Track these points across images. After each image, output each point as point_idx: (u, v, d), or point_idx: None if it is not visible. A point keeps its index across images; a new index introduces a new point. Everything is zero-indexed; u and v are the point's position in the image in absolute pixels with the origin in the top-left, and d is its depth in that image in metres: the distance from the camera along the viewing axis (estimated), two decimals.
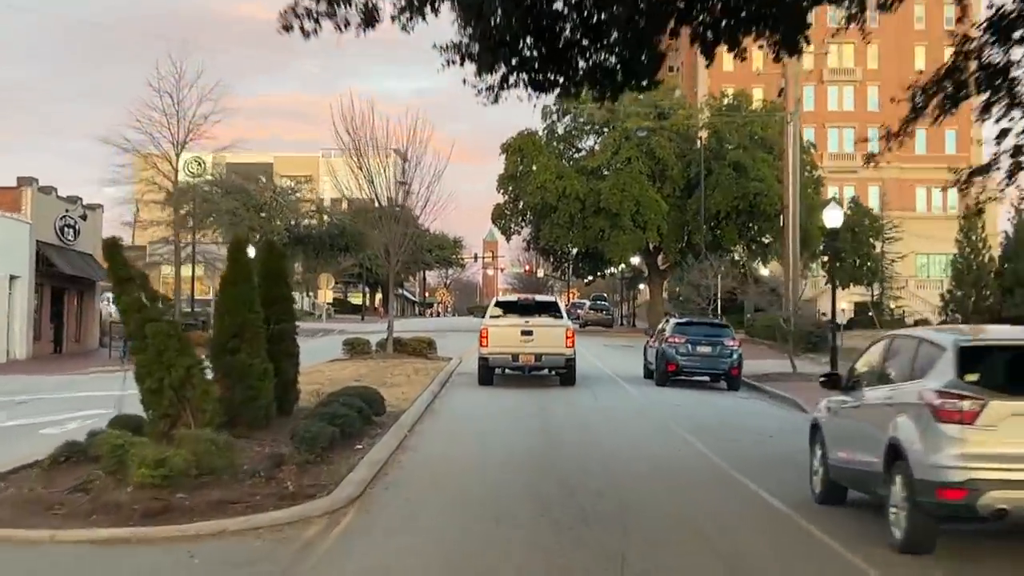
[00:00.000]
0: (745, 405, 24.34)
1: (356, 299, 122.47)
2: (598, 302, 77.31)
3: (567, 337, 25.70)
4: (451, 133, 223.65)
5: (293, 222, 61.72)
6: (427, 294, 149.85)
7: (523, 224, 64.03)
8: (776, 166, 57.25)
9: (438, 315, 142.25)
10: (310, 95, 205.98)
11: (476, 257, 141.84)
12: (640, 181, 57.15)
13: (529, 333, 25.48)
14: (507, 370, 26.50)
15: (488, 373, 26.23)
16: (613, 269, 70.70)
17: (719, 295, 45.21)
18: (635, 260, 70.37)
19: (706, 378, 28.01)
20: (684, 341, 26.89)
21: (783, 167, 51.85)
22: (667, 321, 29.28)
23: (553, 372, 26.33)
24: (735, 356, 26.91)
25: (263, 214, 60.51)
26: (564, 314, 27.86)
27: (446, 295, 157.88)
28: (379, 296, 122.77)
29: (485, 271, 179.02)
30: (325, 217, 62.25)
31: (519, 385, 26.26)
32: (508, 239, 63.70)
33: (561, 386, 26.39)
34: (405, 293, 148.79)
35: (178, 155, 39.90)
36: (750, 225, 57.80)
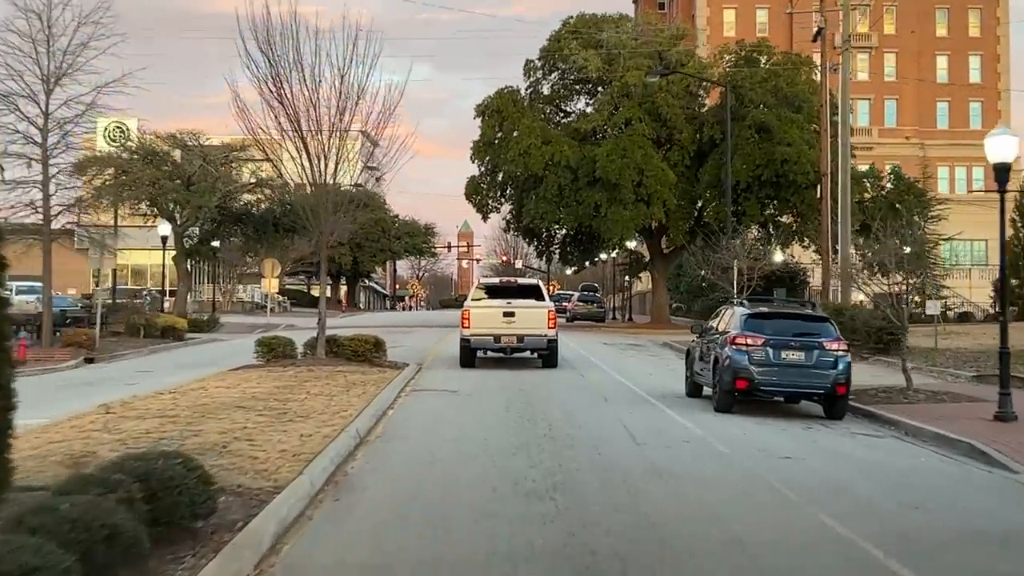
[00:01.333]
0: (882, 453, 14.64)
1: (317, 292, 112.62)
2: (588, 293, 67.58)
3: (549, 318, 25.85)
4: (429, 129, 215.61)
5: (229, 198, 51.67)
6: (397, 286, 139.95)
7: (502, 200, 54.29)
8: (807, 128, 47.78)
9: (410, 309, 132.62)
10: None
11: (449, 246, 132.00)
12: (644, 146, 47.58)
13: (511, 315, 25.57)
14: (489, 352, 26.33)
15: (470, 355, 26.13)
16: (607, 254, 60.95)
17: (755, 280, 35.59)
18: (631, 244, 60.79)
19: (782, 399, 18.41)
20: (762, 343, 17.20)
21: (820, 123, 42.40)
22: (728, 310, 19.56)
23: (535, 354, 26.45)
24: (842, 366, 17.24)
25: (192, 187, 50.48)
26: (546, 296, 27.90)
27: (418, 287, 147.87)
28: (345, 288, 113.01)
29: (460, 263, 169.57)
30: (267, 191, 52.12)
31: (518, 425, 16.51)
32: (485, 217, 54.02)
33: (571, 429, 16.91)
34: (374, 285, 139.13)
35: (48, 92, 29.90)
36: (780, 197, 48.17)
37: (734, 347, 17.33)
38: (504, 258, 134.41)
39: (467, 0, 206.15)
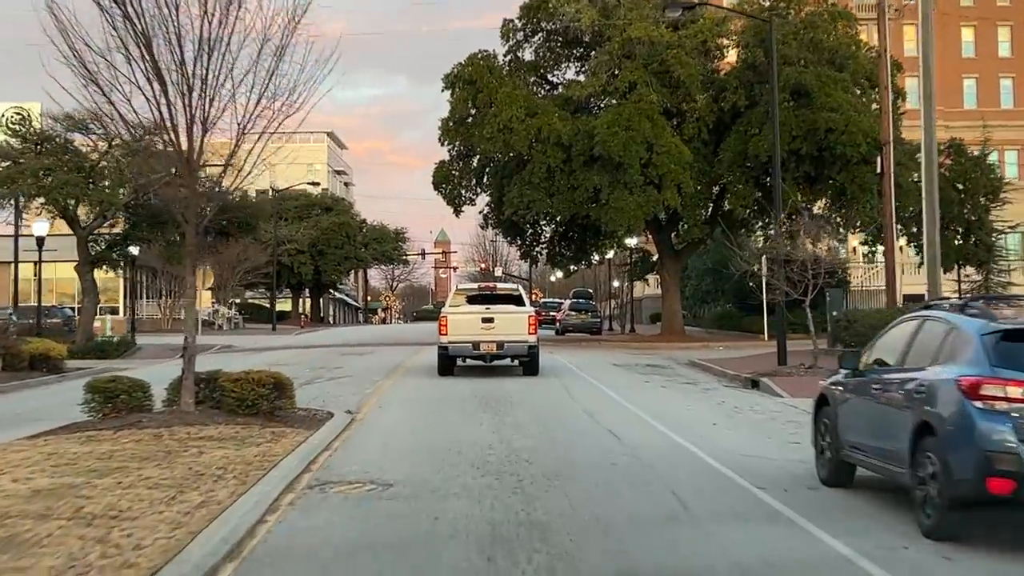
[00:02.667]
0: None
1: (285, 305, 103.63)
2: (581, 301, 58.15)
3: (529, 324, 24.94)
4: (406, 141, 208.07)
5: (144, 194, 42.14)
6: (369, 298, 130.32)
7: (478, 189, 44.90)
8: (852, 91, 38.72)
9: (384, 322, 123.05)
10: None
11: (423, 253, 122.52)
12: (652, 116, 38.39)
13: (490, 320, 24.63)
14: (468, 360, 25.52)
15: (449, 363, 25.21)
16: (608, 252, 51.62)
17: (819, 277, 26.25)
18: (631, 241, 51.60)
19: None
20: None
21: (879, 79, 33.43)
22: (928, 325, 9.93)
23: (516, 361, 25.48)
24: None
25: (105, 183, 41.08)
26: (527, 302, 27.14)
27: (392, 299, 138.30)
28: (309, 301, 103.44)
29: (437, 272, 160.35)
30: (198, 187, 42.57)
31: None
32: (457, 211, 44.45)
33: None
34: (344, 297, 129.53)
35: None
36: (823, 176, 38.89)
37: (978, 404, 7.99)
38: (483, 265, 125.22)
39: (443, 11, 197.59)
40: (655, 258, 50.01)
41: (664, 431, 15.01)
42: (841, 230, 39.54)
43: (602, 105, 40.92)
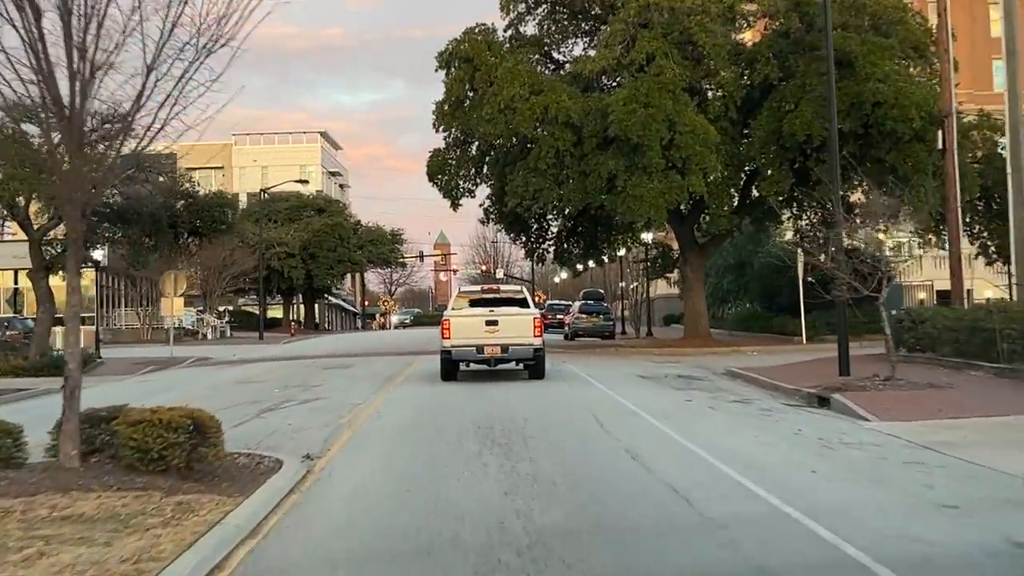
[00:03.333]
0: None
1: (277, 312, 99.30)
2: (592, 303, 53.51)
3: (535, 326, 24.32)
4: (403, 145, 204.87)
5: (102, 187, 37.73)
6: (367, 303, 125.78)
7: (477, 180, 40.32)
8: (900, 61, 34.20)
9: (383, 328, 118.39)
10: (249, 109, 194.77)
11: (421, 256, 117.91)
12: (674, 91, 33.84)
13: (494, 323, 24.10)
14: (472, 364, 24.78)
15: (452, 368, 24.45)
16: (625, 247, 46.99)
17: (889, 268, 21.70)
18: (647, 237, 47.13)
19: None
20: None
21: (938, 43, 29.06)
22: None
23: (521, 364, 24.91)
24: None
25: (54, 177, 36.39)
26: (531, 303, 26.32)
27: (391, 303, 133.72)
28: (303, 307, 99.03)
29: (438, 275, 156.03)
30: (160, 179, 37.95)
31: None
32: (455, 204, 39.79)
33: None
34: (341, 303, 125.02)
35: None
36: (871, 157, 34.19)
37: None
38: (484, 267, 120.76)
39: (438, 15, 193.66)
40: (676, 253, 45.36)
41: (752, 488, 10.40)
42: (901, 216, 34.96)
43: (616, 83, 36.33)
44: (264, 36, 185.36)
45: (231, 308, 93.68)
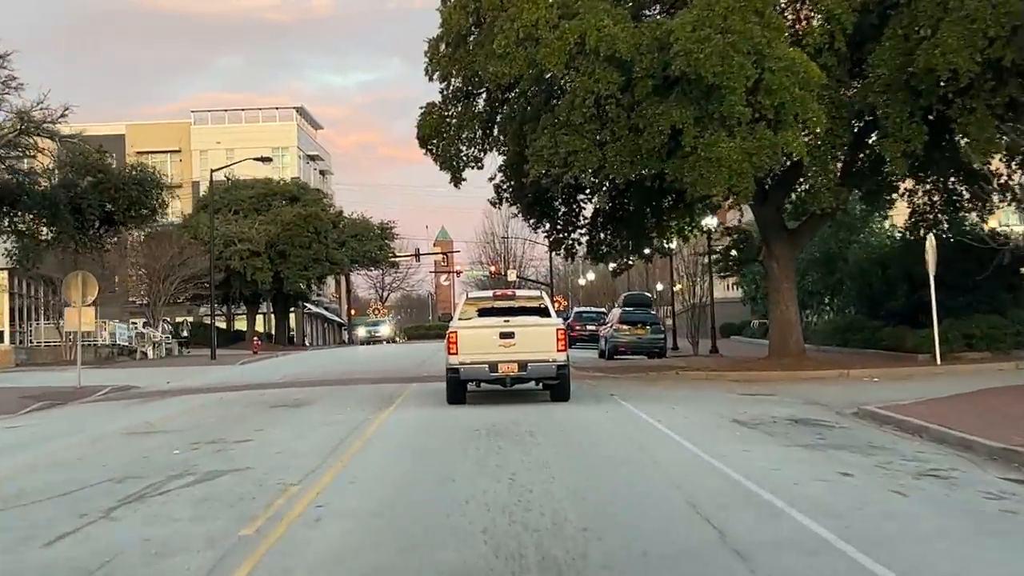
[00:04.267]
0: None
1: (241, 324, 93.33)
2: (637, 310, 46.79)
3: (558, 339, 23.38)
4: (399, 131, 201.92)
5: None
6: (355, 312, 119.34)
7: (485, 146, 33.65)
8: None
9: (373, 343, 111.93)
10: (233, 94, 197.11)
11: (417, 254, 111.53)
12: (763, 10, 27.19)
13: (510, 335, 23.28)
14: (483, 384, 24.13)
15: (459, 389, 23.71)
16: (688, 234, 40.16)
17: None
18: (709, 221, 40.58)
19: None
20: None
21: None
22: None
23: (541, 384, 24.34)
24: None
25: None
26: (552, 311, 25.45)
27: (382, 312, 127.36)
28: (274, 317, 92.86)
29: (438, 278, 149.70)
30: (57, 151, 31.36)
31: None
32: (456, 179, 32.93)
33: None
34: (324, 312, 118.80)
35: None
36: None
37: None
38: (493, 268, 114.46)
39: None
40: (756, 241, 38.51)
41: None
42: None
43: (677, 4, 29.73)
44: (239, 8, 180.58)
45: (189, 320, 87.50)
